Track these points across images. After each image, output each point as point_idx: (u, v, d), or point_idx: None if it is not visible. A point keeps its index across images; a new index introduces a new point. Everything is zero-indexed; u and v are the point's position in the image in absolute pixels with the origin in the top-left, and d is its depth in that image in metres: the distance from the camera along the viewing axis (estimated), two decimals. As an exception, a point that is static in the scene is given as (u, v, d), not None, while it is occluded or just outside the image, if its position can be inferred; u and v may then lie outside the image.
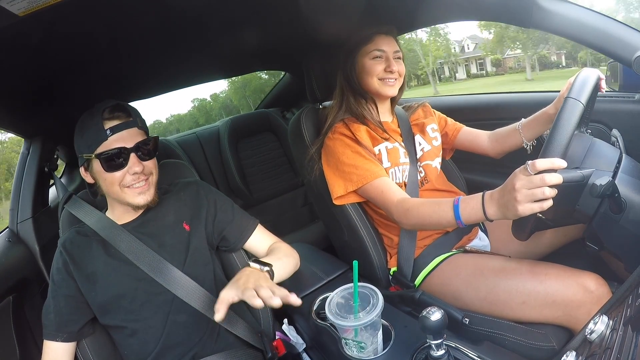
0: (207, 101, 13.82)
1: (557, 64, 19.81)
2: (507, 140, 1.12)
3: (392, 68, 1.04)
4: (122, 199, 0.83)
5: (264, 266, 0.79)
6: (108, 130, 0.79)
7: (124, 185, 0.82)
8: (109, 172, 0.80)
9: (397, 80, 1.07)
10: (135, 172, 0.81)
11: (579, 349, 0.48)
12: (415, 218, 0.88)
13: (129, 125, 0.82)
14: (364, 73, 1.06)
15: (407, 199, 0.93)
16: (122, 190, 0.82)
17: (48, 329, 0.82)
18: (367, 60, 1.05)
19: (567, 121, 0.70)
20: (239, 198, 2.07)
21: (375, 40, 1.05)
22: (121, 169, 0.81)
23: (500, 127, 1.15)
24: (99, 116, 0.79)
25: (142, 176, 0.83)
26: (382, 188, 0.96)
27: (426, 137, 1.15)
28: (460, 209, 0.79)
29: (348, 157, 1.00)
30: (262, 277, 0.74)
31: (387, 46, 1.05)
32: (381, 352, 0.73)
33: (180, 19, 0.92)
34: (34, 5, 0.57)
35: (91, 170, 0.84)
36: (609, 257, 0.95)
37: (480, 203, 0.76)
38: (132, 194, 0.83)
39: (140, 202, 0.84)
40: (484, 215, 0.75)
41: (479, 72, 21.80)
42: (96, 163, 0.81)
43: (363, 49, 1.06)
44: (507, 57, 20.49)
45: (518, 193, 0.66)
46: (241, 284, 0.70)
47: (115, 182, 0.81)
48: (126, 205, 0.86)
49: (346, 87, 1.10)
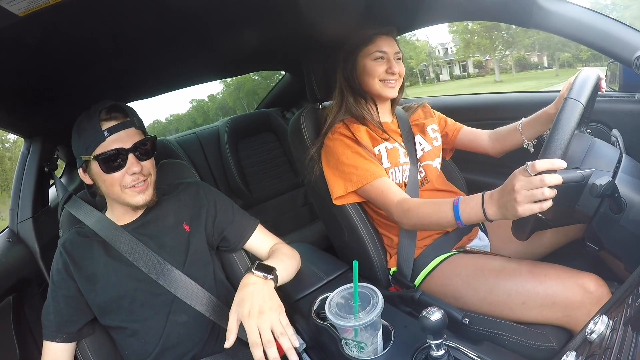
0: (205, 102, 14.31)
1: (537, 65, 21.01)
2: (507, 140, 1.12)
3: (394, 69, 1.04)
4: (122, 199, 0.83)
5: (268, 274, 0.77)
6: (106, 132, 0.79)
7: (125, 186, 0.82)
8: (107, 174, 0.80)
9: (397, 82, 1.07)
10: (134, 172, 0.81)
11: (579, 349, 0.48)
12: (415, 218, 0.88)
13: (126, 125, 0.81)
14: (365, 74, 1.06)
15: (407, 199, 0.93)
16: (123, 191, 0.82)
17: (48, 330, 0.82)
18: (368, 61, 1.05)
19: (566, 121, 0.70)
20: (239, 198, 2.07)
21: (377, 41, 1.05)
22: (119, 169, 0.80)
23: (500, 127, 1.15)
24: (96, 117, 0.79)
25: (141, 176, 0.83)
26: (382, 188, 0.96)
27: (426, 137, 1.15)
28: (460, 209, 0.79)
29: (348, 157, 1.00)
30: (267, 298, 0.72)
31: (388, 47, 1.05)
32: (381, 352, 0.73)
33: (180, 19, 0.91)
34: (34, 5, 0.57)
35: (90, 171, 0.83)
36: (609, 257, 0.95)
37: (480, 203, 0.76)
38: (132, 194, 0.83)
39: (139, 201, 0.84)
40: (483, 216, 0.75)
41: (462, 73, 22.82)
42: (94, 164, 0.80)
43: (364, 50, 1.06)
44: (489, 59, 21.59)
45: (518, 194, 0.66)
46: (245, 313, 0.69)
47: (115, 183, 0.81)
48: (126, 206, 0.85)
49: (346, 88, 1.10)
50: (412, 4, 1.17)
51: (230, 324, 0.69)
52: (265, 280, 0.76)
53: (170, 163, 1.10)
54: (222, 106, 11.79)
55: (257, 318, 0.67)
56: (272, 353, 0.65)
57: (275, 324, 0.68)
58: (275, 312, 0.70)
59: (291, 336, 0.68)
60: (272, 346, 0.65)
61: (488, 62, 21.69)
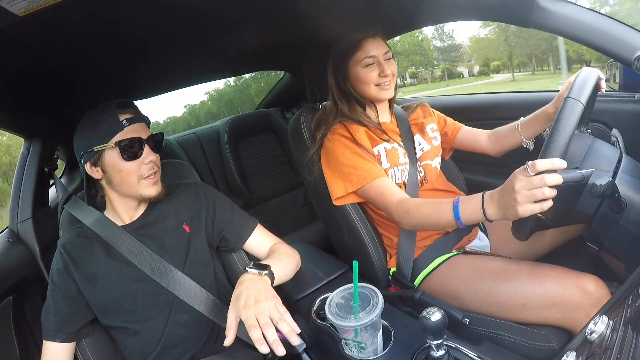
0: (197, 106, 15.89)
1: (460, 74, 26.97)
2: (506, 139, 1.12)
3: (386, 72, 1.03)
4: (136, 191, 0.84)
5: (263, 270, 0.77)
6: (124, 121, 0.81)
7: (141, 176, 0.83)
8: (127, 161, 0.81)
9: (392, 82, 1.07)
10: (150, 160, 0.83)
11: (579, 349, 0.48)
12: (415, 218, 0.87)
13: (140, 119, 0.85)
14: (359, 82, 1.06)
15: (406, 199, 0.92)
16: (139, 182, 0.83)
17: (47, 330, 0.82)
18: (359, 68, 1.04)
19: (567, 121, 0.70)
20: (239, 198, 2.07)
21: (364, 46, 1.04)
22: (136, 158, 0.82)
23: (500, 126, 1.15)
24: (112, 109, 0.81)
25: (155, 167, 0.85)
26: (382, 189, 0.96)
27: (425, 137, 1.15)
28: (460, 209, 0.79)
29: (347, 158, 1.00)
30: (263, 290, 0.72)
31: (377, 50, 1.04)
32: (381, 352, 0.73)
33: (181, 19, 0.91)
34: (34, 5, 0.57)
35: (102, 163, 0.83)
36: (608, 257, 0.95)
37: (480, 204, 0.76)
38: (147, 184, 0.85)
39: (152, 193, 0.85)
40: (483, 216, 0.75)
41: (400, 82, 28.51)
42: (112, 153, 0.81)
43: (354, 58, 1.05)
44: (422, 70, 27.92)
45: (518, 194, 0.66)
46: (242, 305, 0.68)
47: (133, 172, 0.82)
48: (134, 201, 0.87)
49: (339, 97, 1.09)
50: (412, 4, 1.18)
51: (229, 321, 0.68)
52: (260, 276, 0.76)
53: (170, 163, 1.10)
54: (209, 112, 13.33)
55: (253, 307, 0.67)
56: (270, 334, 0.63)
57: (272, 310, 0.67)
58: (271, 301, 0.70)
59: (291, 323, 0.67)
60: (270, 328, 0.65)
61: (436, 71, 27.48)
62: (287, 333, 0.65)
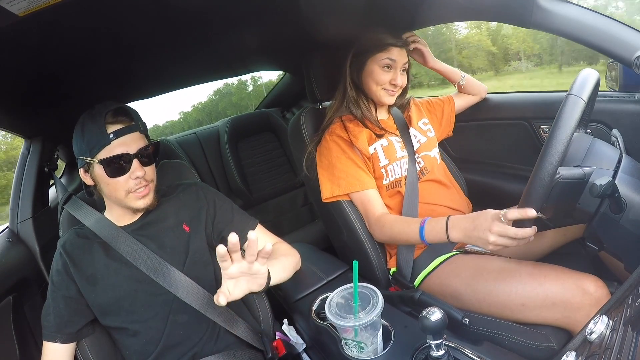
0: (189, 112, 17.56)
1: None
2: (467, 87, 1.33)
3: (397, 82, 1.07)
4: (124, 203, 0.83)
5: None
6: (111, 135, 0.78)
7: (129, 190, 0.81)
8: (112, 178, 0.79)
9: (397, 92, 1.10)
10: (137, 176, 0.81)
11: (579, 349, 0.48)
12: (388, 234, 0.97)
13: (131, 129, 0.81)
14: (370, 78, 1.08)
15: (385, 215, 1.00)
16: (127, 196, 0.82)
17: (47, 330, 0.82)
18: (376, 67, 1.07)
19: (568, 117, 0.68)
20: (239, 198, 2.07)
21: (390, 50, 1.06)
22: (123, 174, 0.80)
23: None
24: (101, 119, 0.78)
25: (144, 181, 0.83)
26: (366, 200, 1.02)
27: (420, 130, 1.19)
28: (425, 231, 0.88)
29: (341, 162, 1.03)
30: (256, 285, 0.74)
31: (399, 56, 1.07)
32: (381, 352, 0.73)
33: (180, 19, 0.91)
34: (34, 5, 0.57)
35: (92, 173, 0.82)
36: (609, 257, 0.95)
37: (444, 228, 0.85)
38: (134, 198, 0.83)
39: (140, 205, 0.84)
40: (447, 239, 0.85)
41: None
42: (98, 167, 0.80)
43: (375, 55, 1.07)
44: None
45: (491, 235, 0.75)
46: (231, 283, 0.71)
47: (120, 187, 0.81)
48: (126, 209, 0.86)
49: (350, 84, 1.12)
50: (412, 4, 1.18)
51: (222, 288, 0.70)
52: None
53: (170, 163, 1.10)
54: (196, 119, 14.94)
55: (243, 275, 0.71)
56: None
57: (251, 288, 0.72)
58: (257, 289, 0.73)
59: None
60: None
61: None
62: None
